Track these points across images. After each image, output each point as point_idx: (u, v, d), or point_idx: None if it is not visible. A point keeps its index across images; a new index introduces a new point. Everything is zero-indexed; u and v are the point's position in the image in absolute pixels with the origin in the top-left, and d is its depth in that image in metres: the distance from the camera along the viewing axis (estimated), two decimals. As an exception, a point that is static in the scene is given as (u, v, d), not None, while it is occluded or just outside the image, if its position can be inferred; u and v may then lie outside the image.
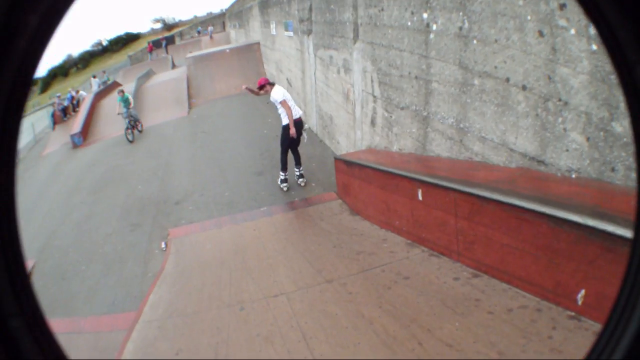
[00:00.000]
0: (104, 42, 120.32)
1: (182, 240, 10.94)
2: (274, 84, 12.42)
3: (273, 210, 11.56)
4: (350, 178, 10.27)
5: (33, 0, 0.89)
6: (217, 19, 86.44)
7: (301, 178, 13.00)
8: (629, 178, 4.17)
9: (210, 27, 73.00)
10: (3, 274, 0.93)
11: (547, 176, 5.26)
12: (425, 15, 7.55)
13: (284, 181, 12.89)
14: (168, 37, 79.07)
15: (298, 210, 11.27)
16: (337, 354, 5.37)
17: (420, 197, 7.19)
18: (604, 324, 1.08)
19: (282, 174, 12.85)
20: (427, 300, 5.81)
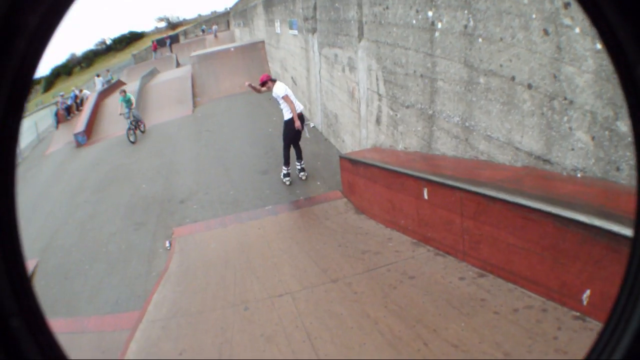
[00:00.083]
0: (108, 41, 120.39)
1: (187, 239, 10.94)
2: (276, 80, 12.69)
3: (278, 209, 11.56)
4: (355, 177, 10.25)
5: (33, 0, 0.89)
6: (222, 18, 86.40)
7: (302, 172, 13.35)
8: (634, 177, 4.15)
9: (214, 26, 72.99)
10: (3, 274, 0.92)
11: (553, 175, 5.24)
12: (430, 13, 7.52)
13: (287, 175, 13.23)
14: (172, 36, 79.20)
15: (303, 209, 11.26)
16: (342, 355, 5.35)
17: (425, 196, 7.17)
18: (604, 324, 1.08)
19: (285, 169, 13.20)
20: (433, 300, 5.79)
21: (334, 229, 9.49)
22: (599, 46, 4.29)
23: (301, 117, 12.46)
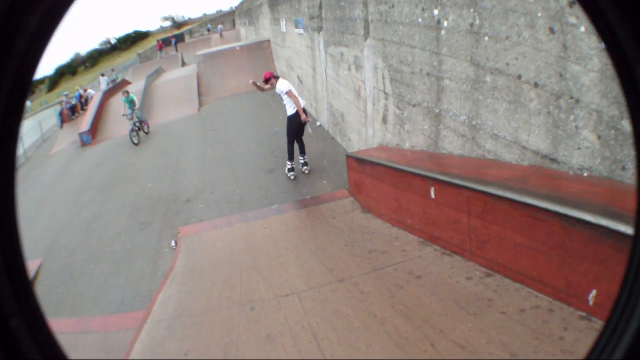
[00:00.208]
0: (113, 40, 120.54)
1: (192, 238, 10.93)
2: (279, 77, 13.07)
3: (284, 208, 11.55)
4: (362, 175, 10.23)
5: (33, 0, 0.89)
6: (227, 17, 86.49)
7: (305, 166, 13.70)
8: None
9: (220, 25, 73.15)
10: (3, 274, 0.93)
11: (560, 174, 5.21)
12: (436, 11, 7.49)
13: (291, 170, 13.54)
14: (177, 35, 79.40)
15: (309, 207, 11.23)
16: (349, 355, 5.34)
17: (432, 195, 7.15)
18: (604, 324, 1.08)
19: (289, 163, 13.52)
20: (440, 300, 5.77)
21: (341, 228, 9.47)
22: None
23: (304, 113, 12.72)
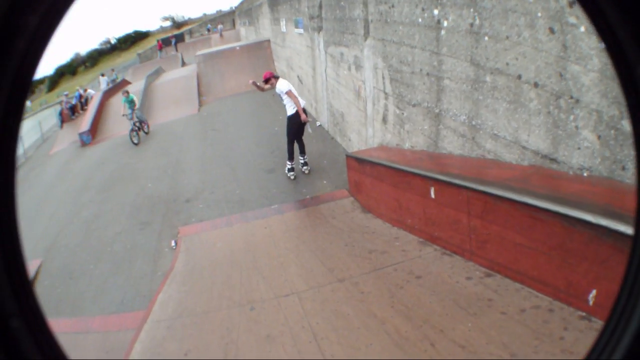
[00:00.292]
0: (113, 41, 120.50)
1: (192, 238, 10.93)
2: (279, 77, 13.16)
3: (284, 208, 11.54)
4: (362, 175, 10.23)
5: (33, 0, 0.90)
6: (227, 17, 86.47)
7: (305, 166, 13.74)
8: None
9: (220, 25, 73.11)
10: (3, 274, 0.93)
11: (560, 174, 5.21)
12: (436, 11, 7.49)
13: (291, 170, 13.57)
14: (177, 35, 79.39)
15: (310, 207, 11.22)
16: (349, 355, 5.33)
17: (432, 195, 7.14)
18: (604, 324, 1.09)
19: (289, 163, 13.55)
20: (440, 300, 5.77)
21: (341, 228, 9.47)
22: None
23: (304, 113, 12.77)
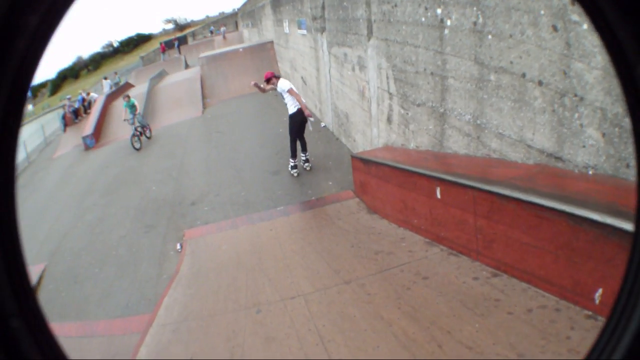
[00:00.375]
0: (115, 44, 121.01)
1: (198, 241, 10.91)
2: (280, 77, 13.45)
3: (290, 209, 11.52)
4: (367, 176, 10.21)
5: (33, 0, 0.90)
6: (230, 19, 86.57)
7: (307, 163, 14.07)
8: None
9: (222, 27, 73.10)
10: (3, 274, 0.93)
11: (565, 173, 5.19)
12: (439, 10, 7.47)
13: (294, 167, 13.91)
14: (180, 38, 79.47)
15: (315, 209, 11.21)
16: (356, 357, 5.30)
17: (438, 195, 7.12)
18: (605, 323, 1.10)
19: (292, 161, 13.88)
20: (447, 301, 5.74)
21: (347, 229, 9.44)
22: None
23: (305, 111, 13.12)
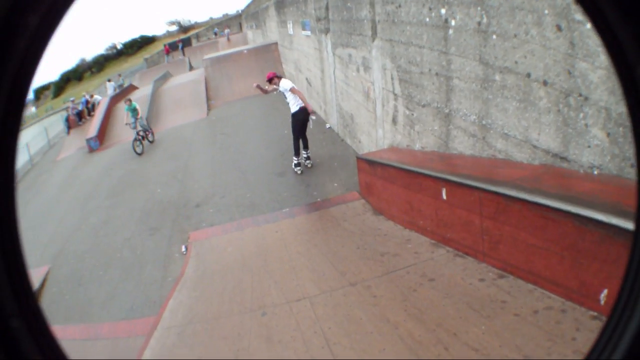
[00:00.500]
0: (119, 46, 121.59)
1: (203, 243, 10.91)
2: (282, 77, 13.71)
3: (295, 211, 11.51)
4: (372, 177, 10.19)
5: (33, 0, 0.91)
6: (234, 20, 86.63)
7: (308, 160, 14.41)
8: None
9: (227, 29, 73.14)
10: (3, 274, 0.94)
11: (571, 173, 5.17)
12: (443, 10, 7.45)
13: (297, 165, 14.22)
14: (184, 39, 79.44)
15: (321, 210, 11.20)
16: None
17: (444, 196, 7.09)
18: (605, 323, 1.10)
19: (295, 159, 14.22)
20: (453, 302, 5.72)
21: (352, 231, 9.42)
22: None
23: (306, 110, 13.39)
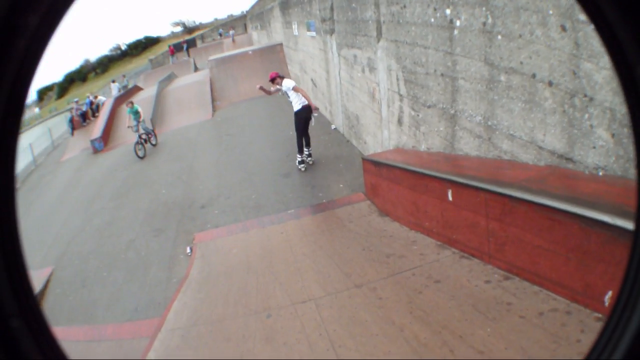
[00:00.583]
0: (123, 47, 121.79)
1: (208, 244, 10.90)
2: (284, 77, 13.99)
3: (301, 212, 11.49)
4: (378, 179, 10.18)
5: (33, 0, 0.91)
6: (238, 21, 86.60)
7: (309, 157, 14.75)
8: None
9: (231, 30, 73.05)
10: (3, 274, 0.95)
11: (576, 174, 5.15)
12: (448, 11, 7.43)
13: (301, 162, 14.52)
14: (189, 40, 79.51)
15: (326, 212, 11.18)
16: None
17: (450, 198, 7.07)
18: (605, 324, 1.13)
19: (299, 156, 14.52)
20: (459, 305, 5.70)
21: (358, 232, 9.40)
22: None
23: (309, 109, 13.75)
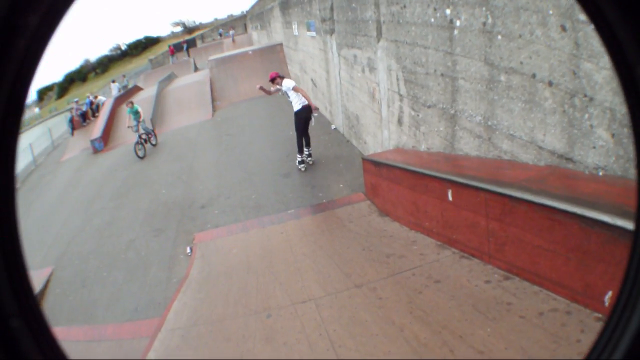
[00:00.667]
0: (123, 47, 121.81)
1: (208, 244, 10.90)
2: (284, 77, 14.01)
3: (301, 212, 11.49)
4: (378, 179, 10.18)
5: (33, 0, 0.91)
6: (238, 21, 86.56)
7: (309, 157, 14.74)
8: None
9: (231, 30, 72.98)
10: (3, 274, 0.95)
11: (576, 174, 5.15)
12: (448, 11, 7.43)
13: (301, 162, 14.51)
14: (189, 40, 79.49)
15: (326, 212, 11.17)
16: None
17: (450, 198, 7.07)
18: (605, 324, 1.12)
19: (299, 156, 14.51)
20: (459, 305, 5.70)
21: (358, 232, 9.40)
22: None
23: (309, 109, 13.74)
